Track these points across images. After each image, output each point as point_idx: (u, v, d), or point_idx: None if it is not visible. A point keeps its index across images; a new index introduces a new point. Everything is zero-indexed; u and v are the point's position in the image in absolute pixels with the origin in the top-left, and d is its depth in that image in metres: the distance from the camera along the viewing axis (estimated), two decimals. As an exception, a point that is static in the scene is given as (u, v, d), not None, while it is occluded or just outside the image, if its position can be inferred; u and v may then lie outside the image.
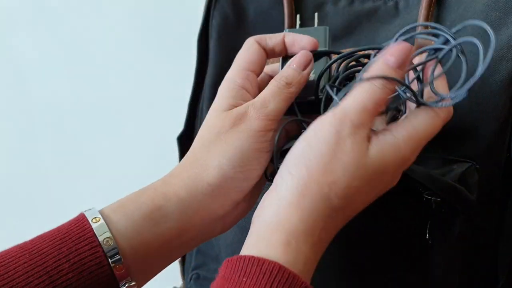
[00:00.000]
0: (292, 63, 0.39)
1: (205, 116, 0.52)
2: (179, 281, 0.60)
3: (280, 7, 0.52)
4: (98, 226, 0.32)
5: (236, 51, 0.53)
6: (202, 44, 0.55)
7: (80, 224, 0.32)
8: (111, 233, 0.32)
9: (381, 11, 0.50)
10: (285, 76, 0.38)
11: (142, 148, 0.84)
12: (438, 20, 0.47)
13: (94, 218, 0.33)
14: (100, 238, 0.32)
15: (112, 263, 0.32)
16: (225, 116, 0.37)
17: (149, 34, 0.78)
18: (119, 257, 0.32)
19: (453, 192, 0.39)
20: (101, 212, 0.34)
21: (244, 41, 0.53)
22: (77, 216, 0.34)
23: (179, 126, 0.57)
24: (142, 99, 0.82)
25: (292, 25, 0.52)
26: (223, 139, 0.36)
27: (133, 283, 0.34)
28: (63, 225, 0.33)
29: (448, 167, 0.41)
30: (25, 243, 0.32)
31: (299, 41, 0.40)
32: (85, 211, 0.34)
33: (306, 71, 0.38)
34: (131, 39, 0.80)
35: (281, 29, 0.52)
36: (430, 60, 0.35)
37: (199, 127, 0.55)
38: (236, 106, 0.38)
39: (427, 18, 0.46)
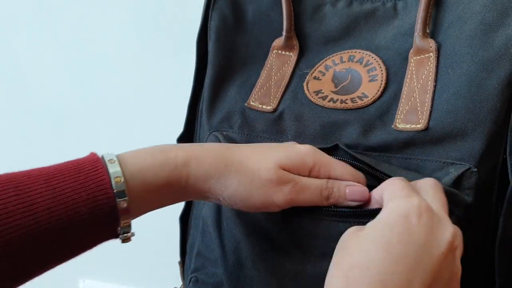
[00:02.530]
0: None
1: (204, 118, 0.52)
2: (180, 282, 0.61)
3: (278, 8, 0.52)
4: (112, 167, 0.36)
5: (234, 52, 0.53)
6: (201, 45, 0.55)
7: (98, 172, 0.36)
8: (123, 175, 0.36)
9: (379, 12, 0.50)
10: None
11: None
12: (436, 21, 0.47)
13: (110, 160, 0.37)
14: (113, 181, 0.36)
15: (119, 202, 0.36)
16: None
17: (148, 36, 0.78)
18: (126, 200, 0.36)
19: (447, 196, 0.39)
20: (118, 156, 0.38)
21: (242, 42, 0.54)
22: (95, 160, 0.37)
23: (178, 127, 0.57)
24: (141, 101, 0.82)
25: (290, 27, 0.52)
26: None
27: (129, 233, 0.38)
28: (83, 166, 0.36)
29: (445, 170, 0.41)
30: (48, 175, 0.35)
31: None
32: (104, 154, 0.38)
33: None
34: (131, 40, 0.79)
35: (279, 31, 0.52)
36: None
37: (199, 128, 0.56)
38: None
39: (425, 19, 0.46)
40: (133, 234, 0.39)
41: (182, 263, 0.60)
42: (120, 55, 0.81)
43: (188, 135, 0.57)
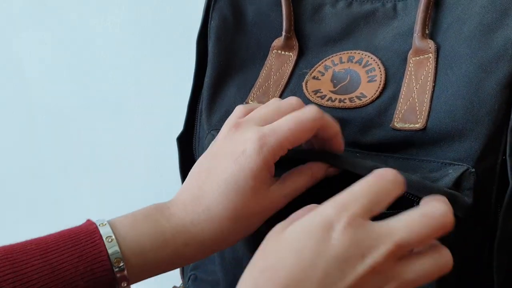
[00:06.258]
0: None
1: (204, 117, 0.53)
2: (179, 280, 0.61)
3: (278, 8, 0.53)
4: (111, 247, 0.36)
5: (234, 52, 0.54)
6: (201, 45, 0.55)
7: (96, 244, 0.36)
8: (121, 251, 0.36)
9: (379, 13, 0.50)
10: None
11: (142, 148, 0.85)
12: (435, 22, 0.47)
13: (108, 236, 0.36)
14: (112, 258, 0.36)
15: (118, 276, 0.36)
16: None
17: (148, 36, 0.79)
18: (125, 274, 0.36)
19: (449, 199, 0.38)
20: (114, 229, 0.37)
21: (242, 42, 0.54)
22: (92, 231, 0.37)
23: (178, 127, 0.57)
24: (142, 100, 0.82)
25: (290, 27, 0.52)
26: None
27: None
28: (79, 237, 0.36)
29: (443, 171, 0.41)
30: (44, 249, 0.35)
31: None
32: (99, 225, 0.37)
33: None
34: (131, 40, 0.80)
35: (279, 31, 0.53)
36: None
37: (199, 127, 0.56)
38: None
39: (424, 20, 0.46)
40: None
41: (181, 262, 0.60)
42: (120, 54, 0.81)
43: (188, 135, 0.57)
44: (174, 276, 0.63)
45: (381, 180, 0.33)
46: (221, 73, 0.53)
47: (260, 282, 0.30)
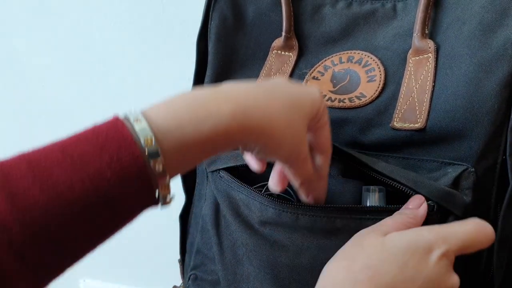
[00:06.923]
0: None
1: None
2: (179, 281, 0.61)
3: (278, 9, 0.53)
4: (138, 127, 0.31)
5: (234, 52, 0.54)
6: (201, 45, 0.55)
7: (119, 129, 0.31)
8: (153, 133, 0.31)
9: (379, 13, 0.50)
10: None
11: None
12: (435, 22, 0.47)
13: (135, 119, 0.32)
14: (141, 139, 0.31)
15: (152, 164, 0.31)
16: None
17: (148, 36, 0.79)
18: (159, 157, 0.31)
19: (445, 197, 0.39)
20: (143, 113, 0.33)
21: (242, 43, 0.54)
22: (115, 120, 0.32)
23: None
24: (142, 101, 0.82)
25: (290, 28, 0.52)
26: None
27: (168, 196, 0.33)
28: (101, 128, 0.32)
29: (443, 170, 0.41)
30: (63, 145, 0.31)
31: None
32: (125, 113, 0.33)
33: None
34: (131, 40, 0.80)
35: (279, 31, 0.53)
36: None
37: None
38: None
39: (424, 20, 0.46)
40: (173, 197, 0.33)
41: (182, 261, 0.60)
42: (120, 55, 0.81)
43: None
44: (174, 276, 0.63)
45: (481, 235, 0.37)
46: (221, 73, 0.53)
47: (360, 277, 0.34)
